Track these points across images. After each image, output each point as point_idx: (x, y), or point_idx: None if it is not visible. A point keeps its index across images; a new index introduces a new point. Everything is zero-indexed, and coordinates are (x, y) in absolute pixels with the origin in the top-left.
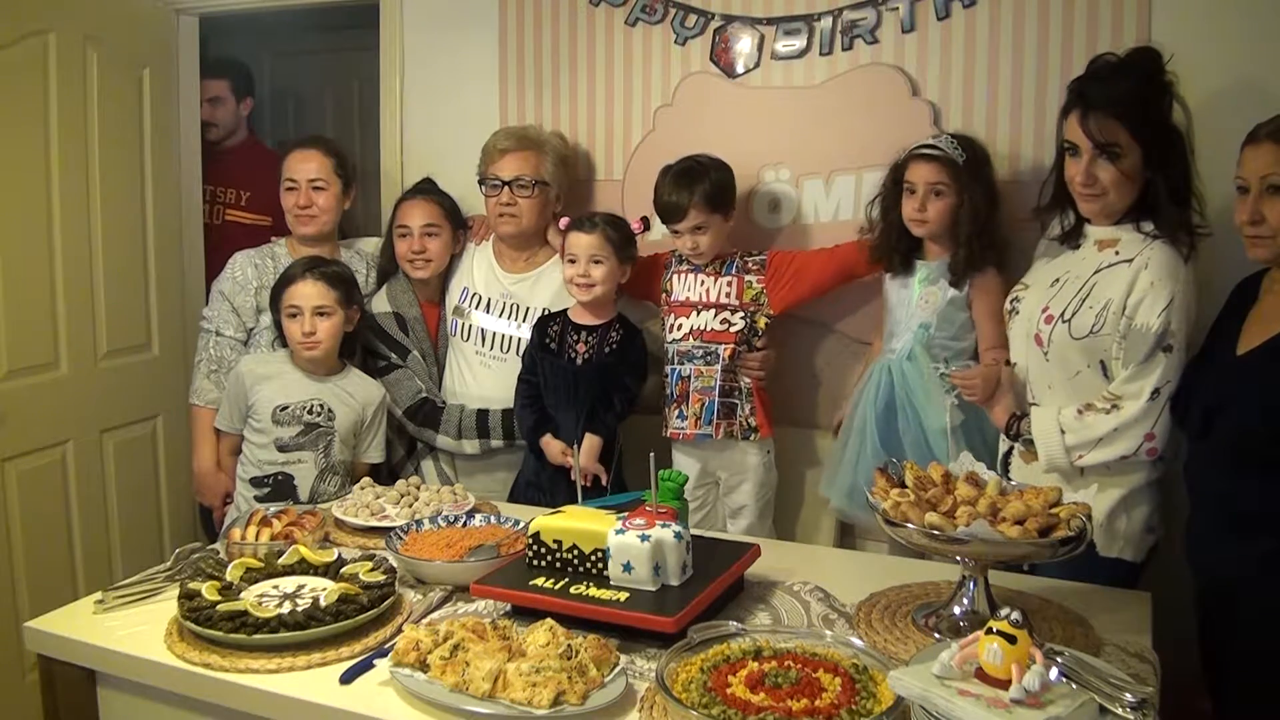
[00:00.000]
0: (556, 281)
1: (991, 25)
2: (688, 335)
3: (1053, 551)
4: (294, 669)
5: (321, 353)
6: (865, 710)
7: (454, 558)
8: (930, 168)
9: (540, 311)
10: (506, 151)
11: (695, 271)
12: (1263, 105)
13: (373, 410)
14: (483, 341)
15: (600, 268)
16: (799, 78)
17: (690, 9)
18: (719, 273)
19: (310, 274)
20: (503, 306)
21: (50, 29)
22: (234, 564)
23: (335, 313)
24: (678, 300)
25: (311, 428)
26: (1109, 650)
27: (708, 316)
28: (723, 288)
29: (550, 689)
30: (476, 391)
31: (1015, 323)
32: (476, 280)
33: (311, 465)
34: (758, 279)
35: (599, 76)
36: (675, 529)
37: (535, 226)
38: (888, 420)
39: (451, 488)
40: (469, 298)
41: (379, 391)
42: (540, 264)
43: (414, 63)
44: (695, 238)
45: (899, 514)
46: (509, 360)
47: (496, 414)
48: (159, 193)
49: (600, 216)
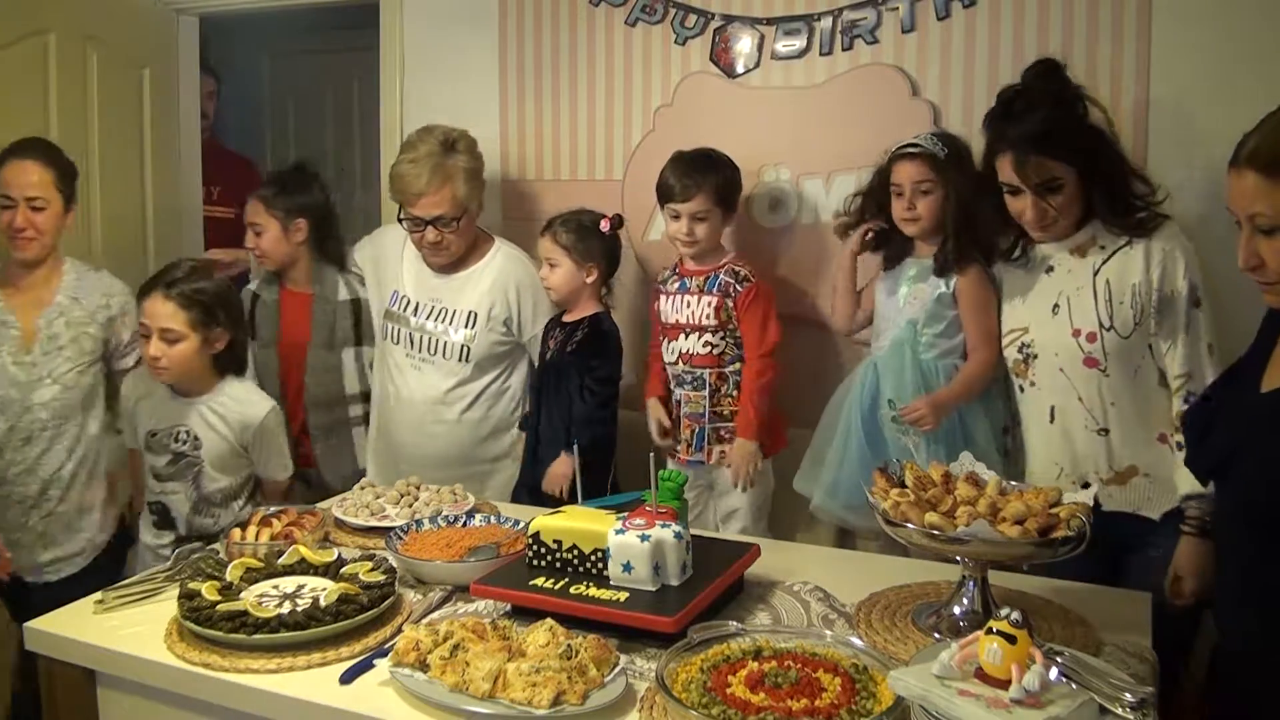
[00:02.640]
0: (486, 282)
1: (991, 25)
2: (678, 360)
3: (1053, 551)
4: (294, 669)
5: (170, 379)
6: (865, 710)
7: (454, 558)
8: (913, 166)
9: (467, 314)
10: (423, 194)
11: (682, 292)
12: (1263, 104)
13: (253, 432)
14: (411, 344)
15: (555, 271)
16: (799, 78)
17: (690, 9)
18: (702, 290)
19: (162, 289)
20: (430, 309)
21: (50, 29)
22: (234, 564)
23: (186, 338)
24: (668, 323)
25: (179, 458)
26: (1109, 650)
27: (693, 340)
28: (704, 308)
29: (550, 689)
30: (405, 394)
31: (1037, 366)
32: (406, 283)
33: (184, 497)
34: (732, 301)
35: (599, 76)
36: (675, 529)
37: (466, 246)
38: (873, 417)
39: (451, 488)
40: (399, 301)
41: (262, 409)
42: (471, 265)
43: (414, 63)
44: (694, 224)
45: (899, 514)
46: (436, 362)
47: None
48: (159, 193)
49: (560, 218)
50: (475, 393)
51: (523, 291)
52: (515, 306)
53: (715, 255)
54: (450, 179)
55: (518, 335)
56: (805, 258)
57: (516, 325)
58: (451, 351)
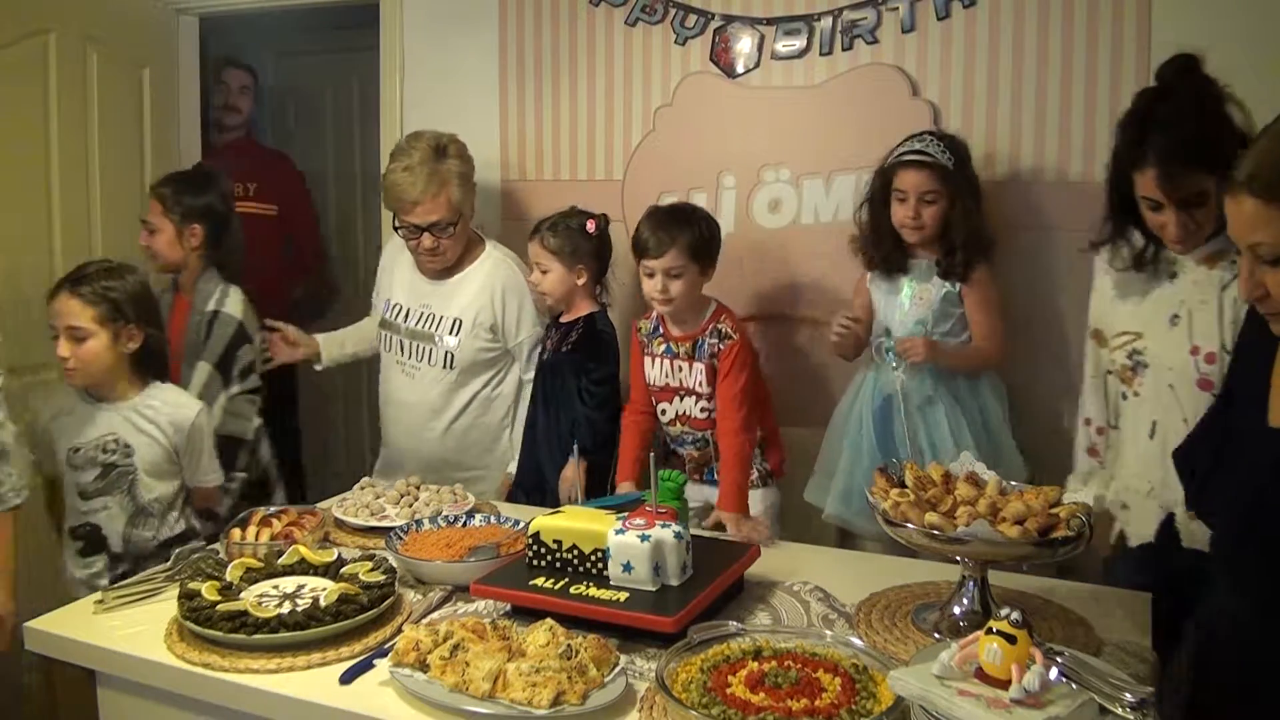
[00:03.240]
0: (473, 287)
1: (991, 25)
2: (674, 421)
3: (1053, 552)
4: (294, 669)
5: (82, 380)
6: (865, 710)
7: (454, 558)
8: (920, 175)
9: (453, 321)
10: (418, 202)
11: (669, 356)
12: (1264, 103)
13: (185, 434)
14: (402, 351)
15: (546, 276)
16: (799, 78)
17: (690, 9)
18: (691, 357)
19: (68, 287)
20: (420, 315)
21: (50, 29)
22: (234, 564)
23: (94, 335)
24: (657, 386)
25: (109, 469)
26: (1109, 650)
27: (689, 403)
28: (697, 375)
29: (550, 689)
30: (398, 397)
31: (1147, 376)
32: (397, 290)
33: (118, 510)
34: (717, 361)
35: (599, 76)
36: (675, 529)
37: (461, 251)
38: (885, 421)
39: (451, 488)
40: (391, 309)
41: (191, 409)
42: (463, 269)
43: (414, 63)
44: (667, 281)
45: (899, 514)
46: (423, 369)
47: None
48: None
49: (547, 222)
50: (465, 400)
51: (508, 296)
52: (500, 312)
53: (696, 313)
54: (444, 184)
55: (504, 341)
56: (805, 258)
57: (501, 331)
58: (437, 358)
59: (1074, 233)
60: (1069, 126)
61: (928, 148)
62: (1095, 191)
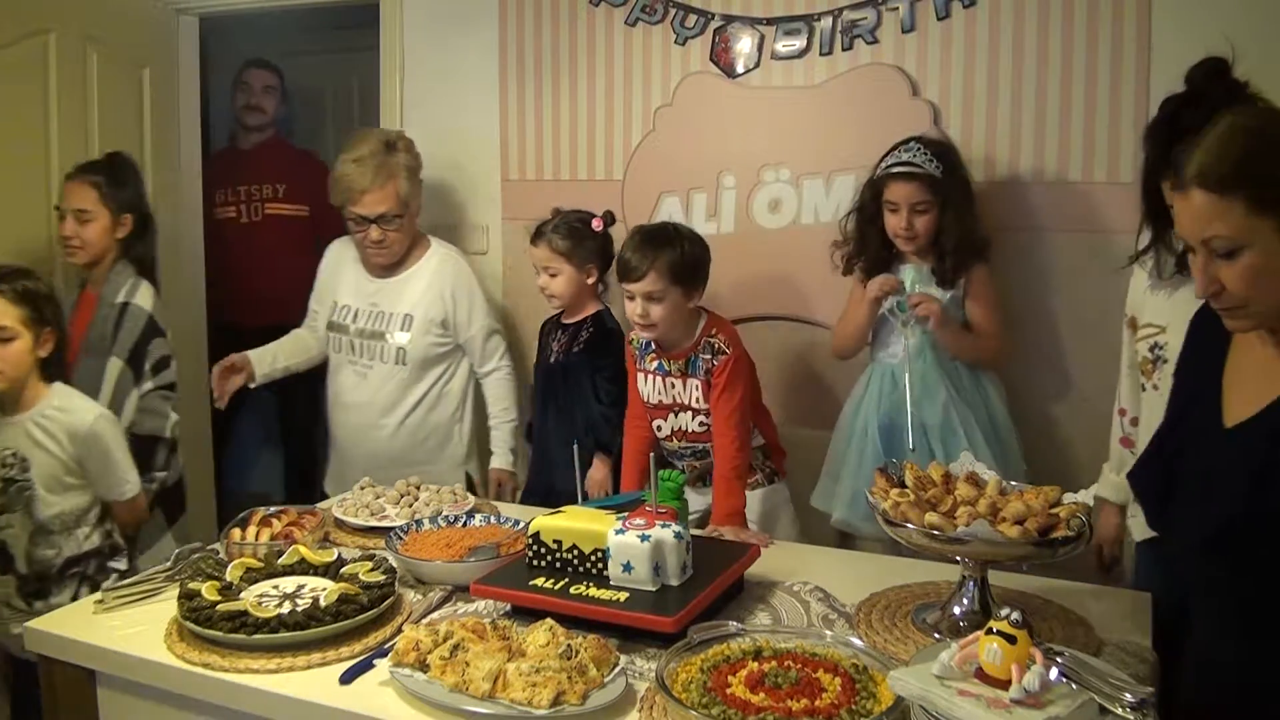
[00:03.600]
0: (422, 283)
1: (991, 25)
2: (670, 436)
3: (1053, 552)
4: (294, 669)
5: (5, 384)
6: (865, 710)
7: (454, 558)
8: (911, 187)
9: (404, 317)
10: (367, 190)
11: (662, 374)
12: None
13: (84, 442)
14: (353, 350)
15: (555, 279)
16: (799, 78)
17: (690, 9)
18: (685, 373)
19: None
20: (370, 314)
21: (50, 29)
22: (234, 564)
23: (19, 336)
24: (652, 403)
25: (7, 485)
26: (1109, 650)
27: (685, 419)
28: (693, 391)
29: (550, 689)
30: (348, 398)
31: (1164, 372)
32: (343, 292)
33: (19, 529)
34: (712, 378)
35: (599, 76)
36: (675, 529)
37: (408, 245)
38: (890, 425)
39: (451, 488)
40: (339, 311)
41: (90, 414)
42: (408, 267)
43: (414, 63)
44: (647, 305)
45: (899, 514)
46: (375, 366)
47: None
48: (159, 193)
49: (551, 223)
50: (418, 397)
51: (458, 291)
52: (451, 306)
53: (686, 330)
54: (393, 176)
55: (455, 336)
56: (805, 258)
57: (453, 326)
58: (389, 354)
59: (1075, 233)
60: (1069, 127)
61: (915, 158)
62: (1096, 192)
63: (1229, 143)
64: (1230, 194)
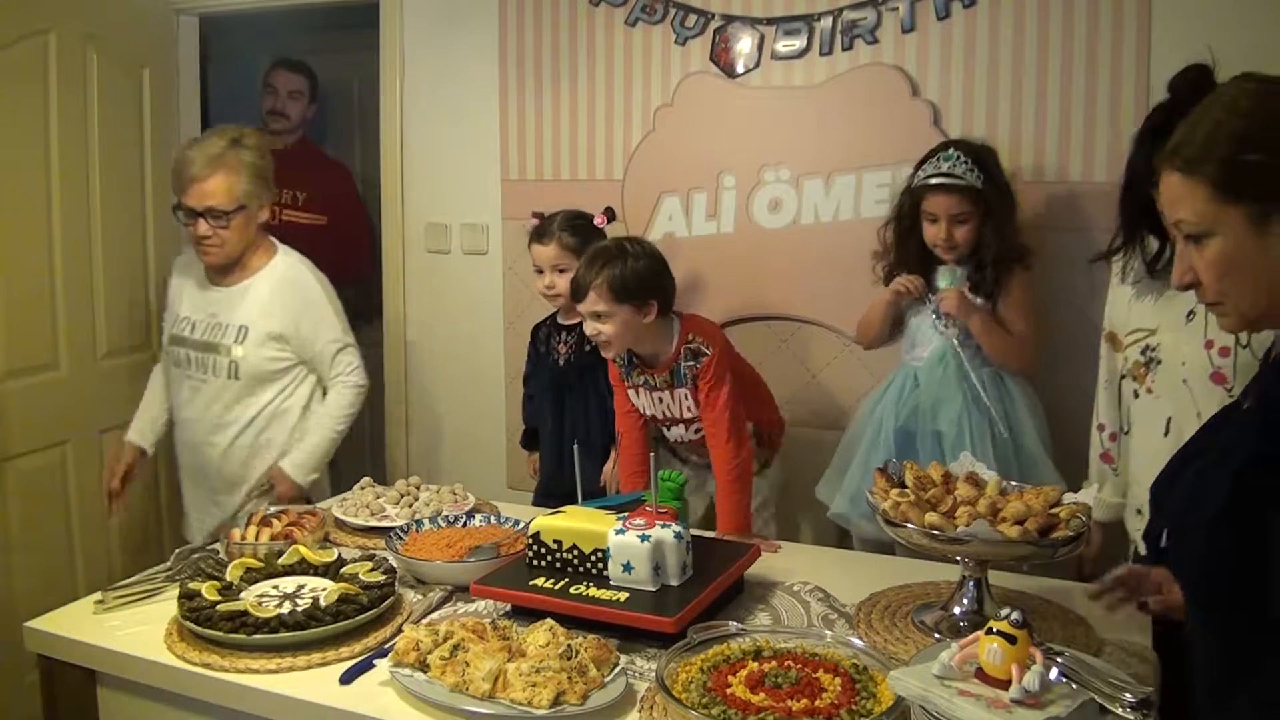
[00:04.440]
0: (263, 293)
1: (991, 25)
2: (677, 443)
3: (1053, 551)
4: (294, 669)
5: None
6: (865, 710)
7: (454, 558)
8: (951, 199)
9: (239, 328)
10: (196, 179)
11: (649, 389)
12: None
13: None
14: (190, 364)
15: (564, 277)
16: (799, 78)
17: (690, 9)
18: (670, 385)
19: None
20: (207, 325)
21: (50, 29)
22: (234, 564)
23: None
24: (647, 414)
25: None
26: (1109, 650)
27: (681, 430)
28: (682, 401)
29: (550, 689)
30: (183, 414)
31: (1159, 373)
32: (185, 304)
33: None
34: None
35: (599, 76)
36: (675, 529)
37: (242, 248)
38: (906, 428)
39: (451, 487)
40: (180, 323)
41: None
42: (249, 275)
43: (414, 63)
44: (596, 324)
45: (899, 514)
46: (209, 381)
47: None
48: (159, 193)
49: (558, 221)
50: (251, 414)
51: (305, 304)
52: (294, 320)
53: (661, 343)
54: (229, 170)
55: (299, 352)
56: (805, 258)
57: (297, 340)
58: (221, 368)
59: (1075, 233)
60: (1069, 127)
61: (955, 168)
62: (1095, 192)
63: (1202, 118)
64: (1196, 174)
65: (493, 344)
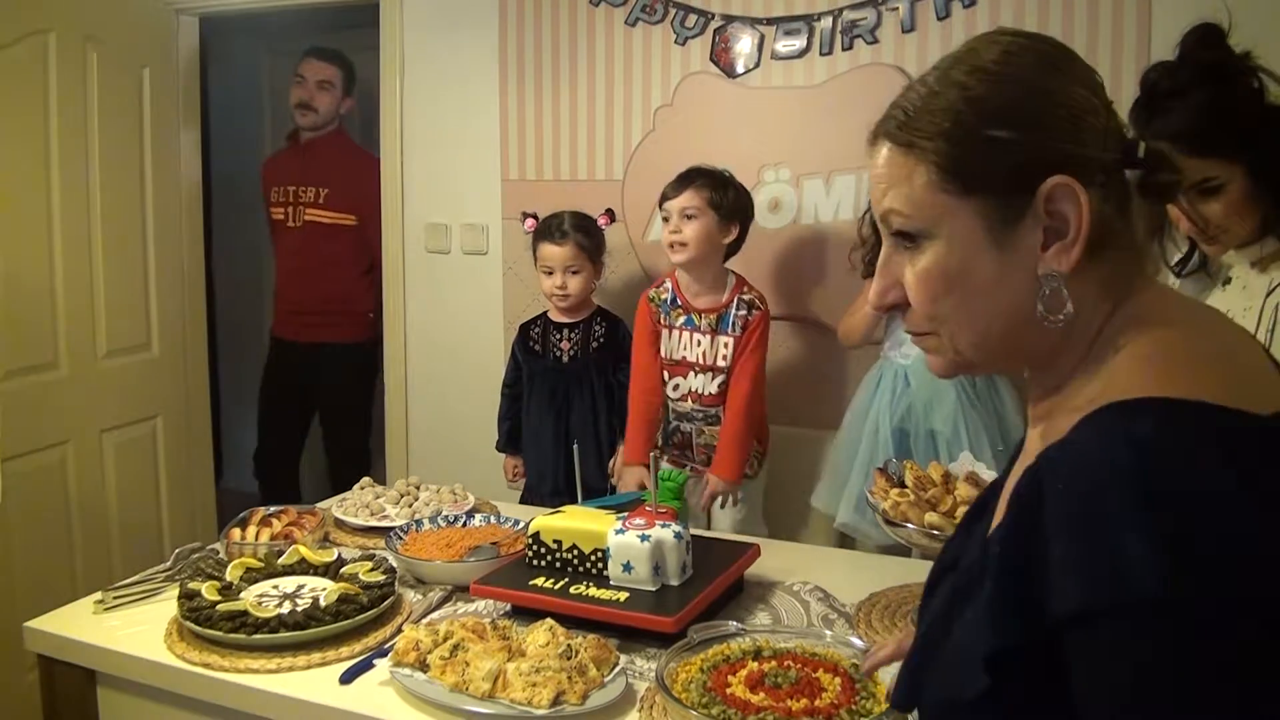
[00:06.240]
0: None
1: (991, 25)
2: (685, 397)
3: None
4: (294, 669)
5: None
6: (865, 710)
7: (454, 558)
8: None
9: None
10: None
11: (690, 329)
12: None
13: None
14: None
15: (577, 278)
16: (799, 78)
17: (690, 9)
18: (715, 330)
19: None
20: None
21: (50, 29)
22: (234, 564)
23: None
24: (673, 359)
25: None
26: None
27: (704, 379)
28: (719, 349)
29: (550, 689)
30: None
31: None
32: None
33: None
34: (745, 333)
35: (599, 76)
36: (675, 529)
37: None
38: (903, 428)
39: (451, 487)
40: None
41: None
42: None
43: (414, 63)
44: (680, 224)
45: (899, 514)
46: None
47: None
48: (159, 192)
49: (569, 222)
50: None
51: None
52: None
53: (715, 283)
54: None
55: None
56: (805, 258)
57: None
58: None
59: None
60: None
61: None
62: None
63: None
64: (916, 149)
65: (493, 344)
